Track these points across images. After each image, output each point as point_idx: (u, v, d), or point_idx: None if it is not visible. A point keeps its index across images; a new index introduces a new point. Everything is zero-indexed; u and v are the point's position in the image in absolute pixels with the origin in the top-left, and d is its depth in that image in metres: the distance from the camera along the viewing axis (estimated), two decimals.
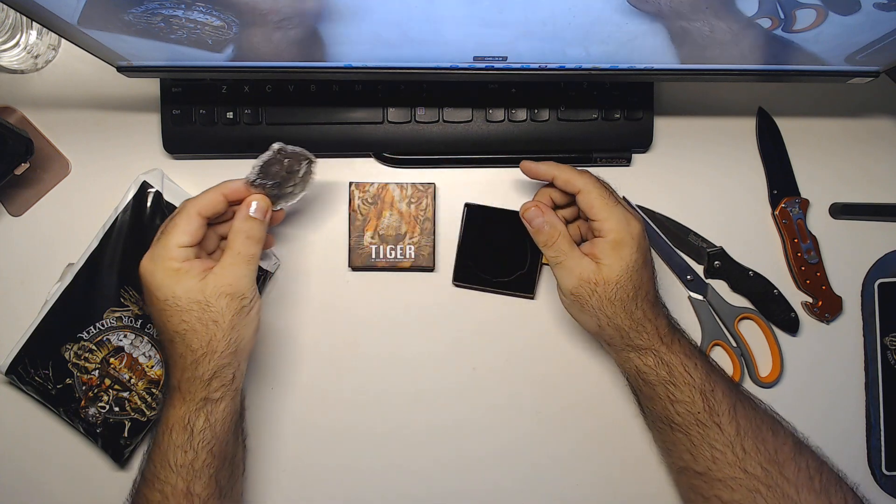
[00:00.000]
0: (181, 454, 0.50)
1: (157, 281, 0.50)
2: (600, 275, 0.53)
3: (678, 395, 0.53)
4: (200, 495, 0.50)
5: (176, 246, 0.50)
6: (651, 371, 0.54)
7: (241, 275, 0.51)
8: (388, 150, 0.65)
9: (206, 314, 0.49)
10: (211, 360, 0.50)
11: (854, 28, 0.47)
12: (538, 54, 0.53)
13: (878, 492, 0.65)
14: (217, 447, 0.51)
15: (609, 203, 0.54)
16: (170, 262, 0.50)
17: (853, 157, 0.67)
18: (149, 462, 0.52)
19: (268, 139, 0.63)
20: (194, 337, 0.50)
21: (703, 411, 0.52)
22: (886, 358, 0.65)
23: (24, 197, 0.65)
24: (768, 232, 0.67)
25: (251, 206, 0.52)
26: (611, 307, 0.53)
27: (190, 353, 0.50)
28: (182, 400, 0.51)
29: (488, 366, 0.66)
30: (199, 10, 0.45)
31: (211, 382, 0.50)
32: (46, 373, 0.62)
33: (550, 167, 0.56)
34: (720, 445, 0.52)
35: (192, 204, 0.52)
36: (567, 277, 0.54)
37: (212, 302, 0.49)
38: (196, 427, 0.50)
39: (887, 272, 0.66)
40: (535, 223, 0.55)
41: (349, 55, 0.53)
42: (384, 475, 0.65)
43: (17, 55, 0.63)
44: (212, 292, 0.50)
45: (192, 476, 0.50)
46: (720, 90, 0.67)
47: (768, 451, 0.51)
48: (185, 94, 0.63)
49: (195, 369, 0.50)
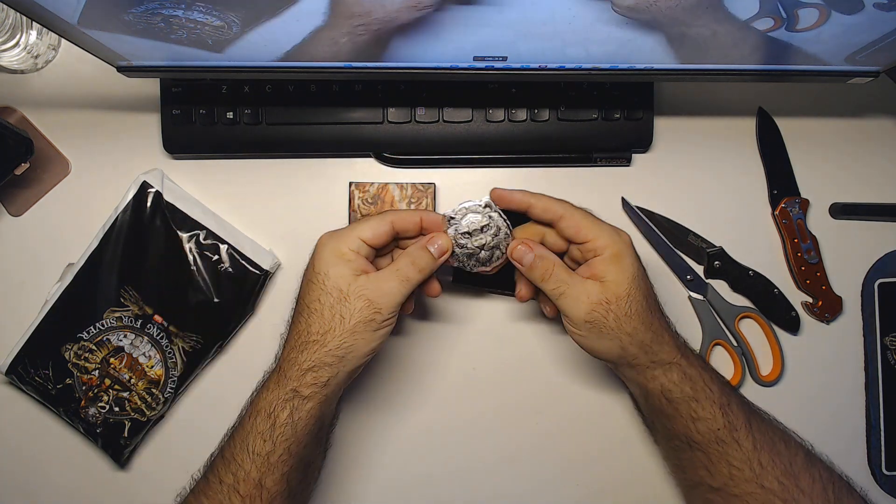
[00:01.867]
0: (261, 443, 0.50)
1: (323, 254, 0.51)
2: (610, 292, 0.50)
3: (700, 412, 0.51)
4: (270, 490, 0.50)
5: (356, 236, 0.51)
6: (676, 388, 0.52)
7: (389, 290, 0.50)
8: (388, 150, 0.65)
9: (339, 305, 0.50)
10: (318, 350, 0.50)
11: (854, 28, 0.47)
12: (538, 54, 0.53)
13: (879, 492, 0.65)
14: (295, 446, 0.51)
15: (595, 221, 0.52)
16: (343, 245, 0.51)
17: (853, 157, 0.67)
18: (230, 441, 0.52)
19: (268, 139, 0.64)
20: (318, 319, 0.50)
21: (724, 427, 0.51)
22: (886, 358, 0.65)
23: (24, 197, 0.65)
24: (768, 232, 0.67)
25: (433, 241, 0.52)
26: (629, 323, 0.51)
27: (306, 332, 0.51)
28: (277, 383, 0.51)
29: (488, 366, 0.66)
30: (199, 10, 0.45)
31: (306, 374, 0.50)
32: (46, 373, 0.62)
33: (525, 195, 0.53)
34: (738, 462, 0.51)
35: (391, 213, 0.53)
36: (575, 306, 0.50)
37: (350, 298, 0.50)
38: (279, 419, 0.50)
39: (887, 272, 0.66)
40: (525, 261, 0.52)
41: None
42: (383, 476, 0.65)
43: (17, 55, 0.62)
44: (355, 290, 0.50)
45: (267, 468, 0.50)
46: (720, 90, 0.67)
47: (783, 464, 0.51)
48: (185, 94, 0.63)
49: (301, 352, 0.51)
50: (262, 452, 0.50)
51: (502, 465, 0.65)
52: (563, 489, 0.65)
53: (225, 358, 0.66)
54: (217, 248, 0.63)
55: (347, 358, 0.51)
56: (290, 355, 0.51)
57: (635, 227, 0.66)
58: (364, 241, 0.51)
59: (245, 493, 0.50)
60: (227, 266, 0.63)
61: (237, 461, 0.50)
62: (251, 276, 0.63)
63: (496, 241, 0.53)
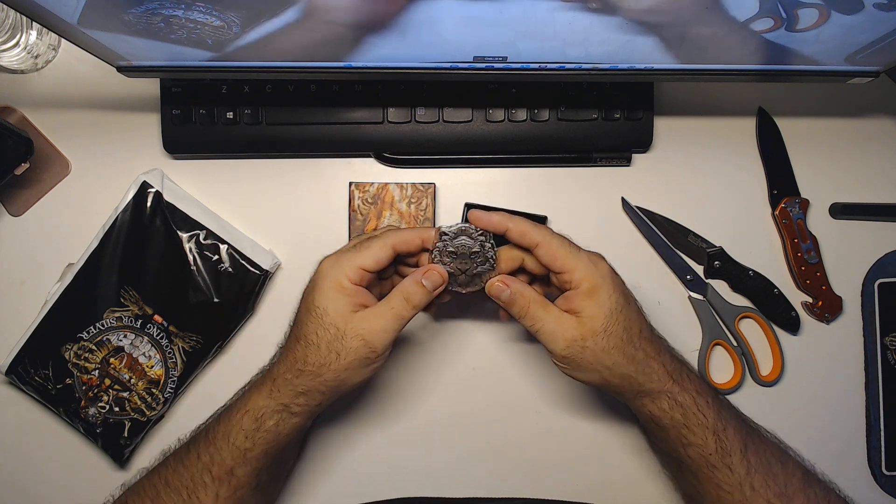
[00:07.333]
0: (242, 438, 0.52)
1: (324, 287, 0.51)
2: (585, 328, 0.50)
3: (691, 438, 0.51)
4: (240, 479, 0.52)
5: (358, 266, 0.51)
6: (665, 415, 0.52)
7: (384, 328, 0.51)
8: (388, 150, 0.65)
9: (336, 342, 0.50)
10: (312, 380, 0.51)
11: (854, 28, 0.47)
12: (538, 54, 0.53)
13: (878, 492, 0.65)
14: (273, 449, 0.53)
15: (572, 251, 0.51)
16: (343, 277, 0.51)
17: (853, 157, 0.67)
18: (217, 424, 0.54)
19: (268, 139, 0.64)
20: (314, 352, 0.51)
21: (715, 453, 0.51)
22: (886, 358, 0.65)
23: (24, 197, 0.65)
24: (768, 232, 0.67)
25: (429, 275, 0.52)
26: (608, 357, 0.50)
27: (302, 362, 0.51)
28: (269, 393, 0.52)
29: (488, 366, 0.66)
30: (199, 10, 0.45)
31: (299, 397, 0.52)
32: (46, 373, 0.62)
33: (503, 218, 0.52)
34: (728, 486, 0.50)
35: (392, 234, 0.53)
36: (552, 341, 0.51)
37: (347, 337, 0.50)
38: (265, 424, 0.52)
39: (887, 272, 0.66)
40: (503, 298, 0.52)
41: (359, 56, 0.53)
42: (382, 474, 0.65)
43: (17, 55, 0.62)
44: (352, 329, 0.50)
45: (242, 461, 0.52)
46: (720, 90, 0.67)
47: (777, 486, 0.50)
48: (185, 94, 0.63)
49: (296, 377, 0.51)
50: (241, 447, 0.52)
51: (502, 463, 0.65)
52: (563, 488, 0.65)
53: (225, 358, 0.66)
54: (217, 248, 0.63)
55: (340, 388, 0.52)
56: (286, 376, 0.52)
57: (635, 227, 0.66)
58: (365, 269, 0.51)
59: (216, 475, 0.52)
60: (227, 266, 0.63)
61: (216, 446, 0.52)
62: (251, 276, 0.63)
63: (479, 271, 0.53)
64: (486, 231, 0.53)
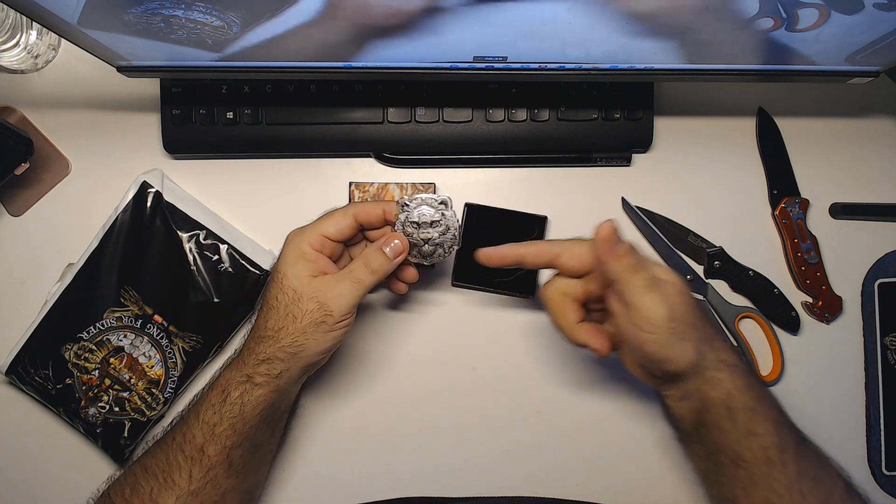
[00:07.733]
0: (210, 413, 0.53)
1: (286, 253, 0.53)
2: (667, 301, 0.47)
3: (757, 427, 0.48)
4: (211, 458, 0.52)
5: (319, 233, 0.53)
6: (741, 395, 0.48)
7: (341, 293, 0.51)
8: (388, 150, 0.65)
9: (293, 305, 0.51)
10: (272, 345, 0.52)
11: (854, 28, 0.47)
12: (538, 54, 0.53)
13: (879, 492, 0.65)
14: (240, 424, 0.53)
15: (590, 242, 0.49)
16: (306, 244, 0.52)
17: (853, 157, 0.67)
18: (190, 406, 0.55)
19: (268, 139, 0.64)
20: (273, 316, 0.52)
21: (775, 447, 0.48)
22: (886, 358, 0.65)
23: (24, 197, 0.65)
24: (768, 232, 0.67)
25: (388, 241, 0.53)
26: (692, 329, 0.48)
27: (263, 327, 0.53)
28: (236, 366, 0.54)
29: (488, 366, 0.66)
30: (199, 10, 0.45)
31: (260, 365, 0.52)
32: (46, 373, 0.62)
33: (512, 248, 0.52)
34: (781, 488, 0.47)
35: (354, 206, 0.54)
36: (662, 302, 0.47)
37: (303, 299, 0.51)
38: (230, 397, 0.53)
39: (887, 272, 0.66)
40: (617, 247, 0.48)
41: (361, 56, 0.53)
42: (382, 475, 0.65)
43: (17, 55, 0.62)
44: (308, 291, 0.51)
45: (211, 437, 0.52)
46: (720, 90, 0.67)
47: (819, 495, 0.48)
48: (185, 94, 0.63)
49: (258, 344, 0.53)
50: (209, 422, 0.52)
51: (502, 464, 0.65)
52: (563, 489, 0.65)
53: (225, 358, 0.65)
54: (217, 248, 0.63)
55: (300, 355, 0.52)
56: (250, 345, 0.54)
57: (635, 227, 0.66)
58: (327, 237, 0.53)
59: (188, 454, 0.52)
60: (227, 266, 0.63)
61: (188, 424, 0.53)
62: (251, 276, 0.63)
63: (442, 240, 0.54)
64: (447, 200, 0.54)
